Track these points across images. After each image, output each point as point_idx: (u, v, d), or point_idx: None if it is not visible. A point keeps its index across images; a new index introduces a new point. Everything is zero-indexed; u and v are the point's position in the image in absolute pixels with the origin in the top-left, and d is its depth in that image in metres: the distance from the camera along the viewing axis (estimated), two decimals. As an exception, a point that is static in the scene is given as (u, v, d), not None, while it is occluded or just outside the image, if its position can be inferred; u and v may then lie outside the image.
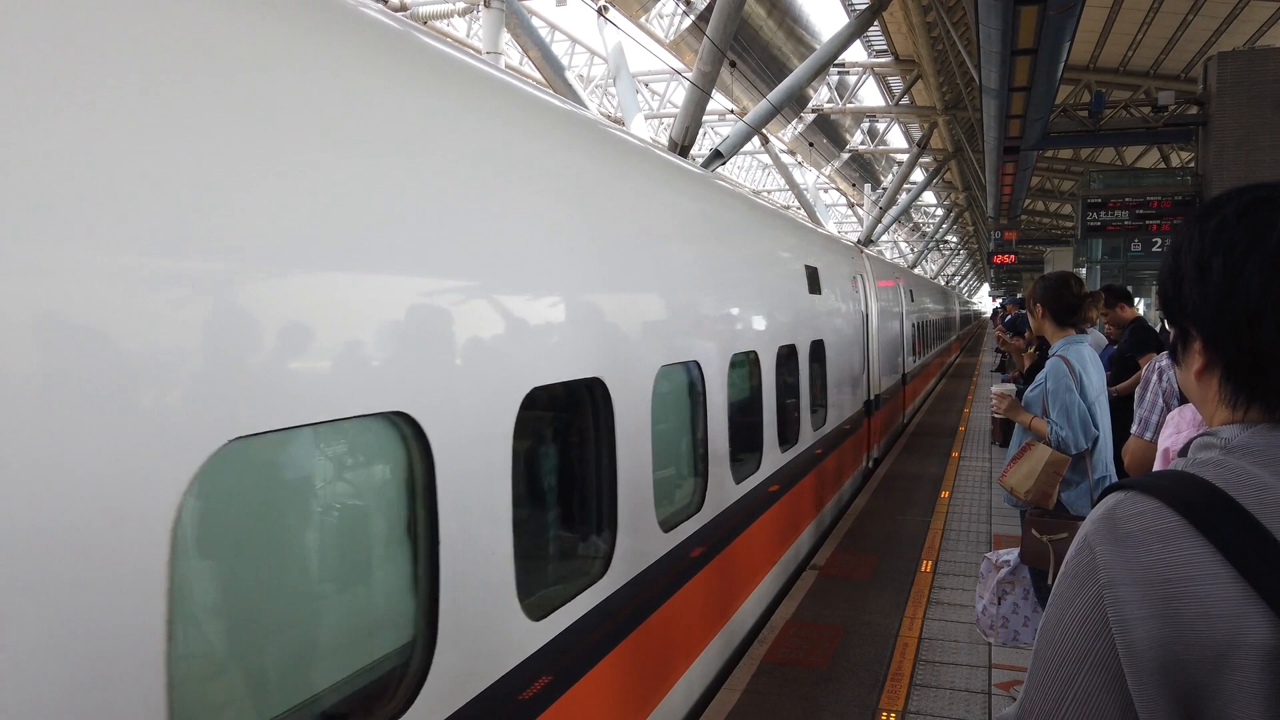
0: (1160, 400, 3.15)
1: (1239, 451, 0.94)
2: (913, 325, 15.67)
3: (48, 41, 1.36)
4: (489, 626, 2.38)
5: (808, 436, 6.67)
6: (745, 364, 5.13)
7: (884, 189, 25.33)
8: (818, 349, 7.11)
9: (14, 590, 1.21)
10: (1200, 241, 1.01)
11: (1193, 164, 16.69)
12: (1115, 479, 4.04)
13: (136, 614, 1.36)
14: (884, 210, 23.83)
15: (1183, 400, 3.06)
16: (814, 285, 7.08)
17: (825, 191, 29.67)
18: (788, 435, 6.10)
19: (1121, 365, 6.09)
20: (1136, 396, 3.29)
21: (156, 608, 1.38)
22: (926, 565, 6.70)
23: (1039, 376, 4.14)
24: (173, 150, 1.52)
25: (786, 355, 5.99)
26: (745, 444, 5.09)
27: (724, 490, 4.59)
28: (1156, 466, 2.65)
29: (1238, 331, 0.96)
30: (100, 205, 1.37)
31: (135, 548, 1.36)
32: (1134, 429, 3.23)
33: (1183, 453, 1.02)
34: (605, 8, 11.97)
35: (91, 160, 1.38)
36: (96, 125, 1.41)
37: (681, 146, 8.17)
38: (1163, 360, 3.22)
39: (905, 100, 19.90)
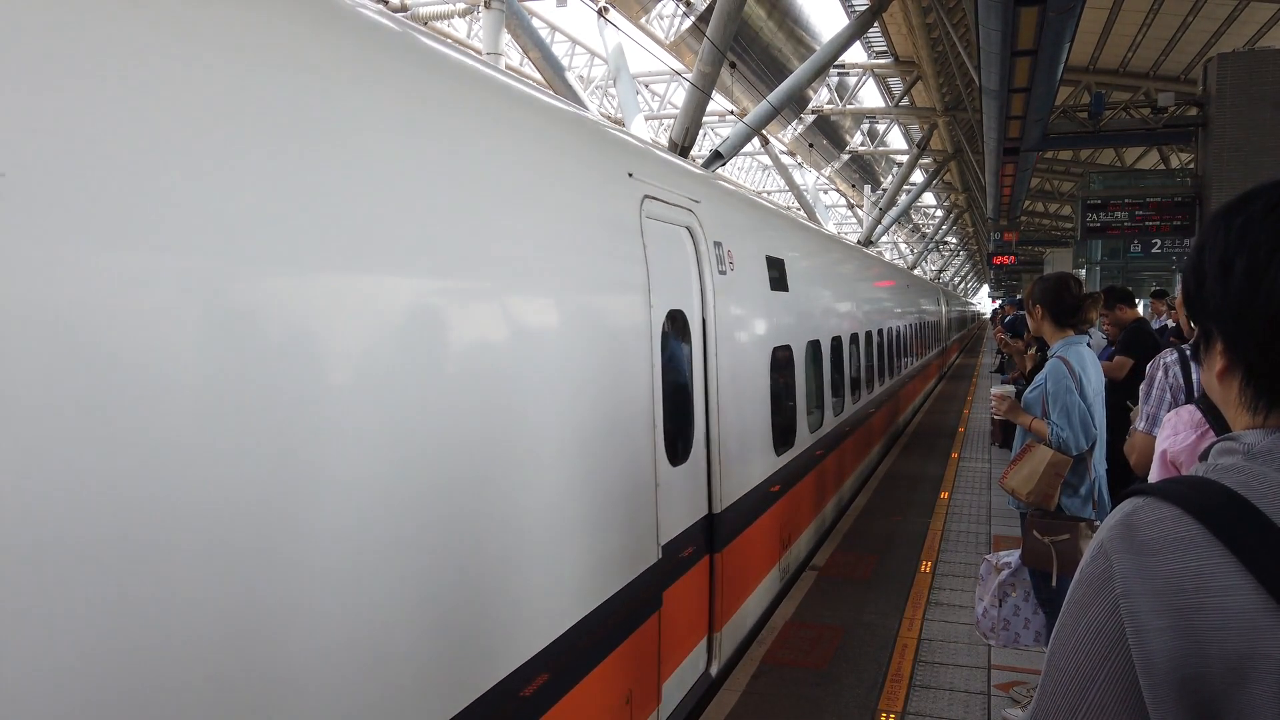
0: (1167, 395, 3.14)
1: (1262, 458, 0.90)
2: (803, 354, 6.65)
3: None
4: None
5: None
6: None
7: (884, 190, 25.35)
8: None
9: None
10: (1225, 239, 0.96)
11: (1192, 165, 16.70)
12: (1104, 479, 4.04)
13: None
14: (884, 211, 23.84)
15: (1188, 397, 3.06)
16: None
17: (825, 192, 29.69)
18: None
19: None
20: (1142, 393, 3.27)
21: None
22: (926, 566, 6.70)
23: (1038, 377, 4.14)
24: None
25: None
26: None
27: None
28: (1154, 467, 2.64)
29: (1259, 334, 0.92)
30: None
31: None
32: (1141, 425, 3.19)
33: (1203, 457, 0.99)
34: (605, 9, 11.98)
35: None
36: None
37: (682, 147, 8.17)
38: (1168, 356, 3.20)
39: (905, 101, 19.91)
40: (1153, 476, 2.58)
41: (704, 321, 4.44)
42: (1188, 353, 3.19)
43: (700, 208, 4.61)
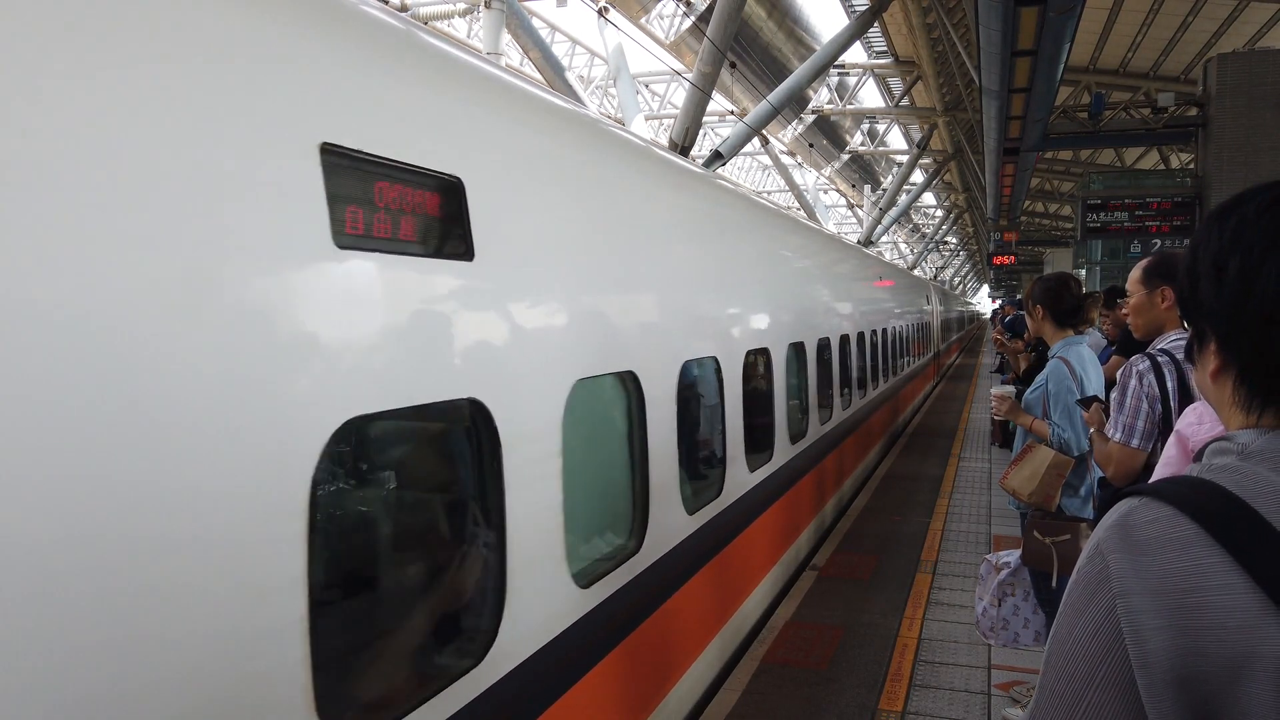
0: (1144, 405, 3.00)
1: (1256, 457, 0.91)
2: (547, 415, 2.65)
3: None
4: None
5: None
6: None
7: (884, 190, 25.37)
8: None
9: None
10: (1218, 240, 0.97)
11: (1192, 165, 16.72)
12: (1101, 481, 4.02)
13: None
14: (884, 211, 23.87)
15: (1164, 404, 2.99)
16: None
17: (825, 193, 29.71)
18: None
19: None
20: (1114, 402, 3.10)
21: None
22: (926, 566, 6.70)
23: (1039, 378, 4.14)
24: None
25: None
26: None
27: None
28: (1174, 455, 2.55)
29: (1253, 334, 0.94)
30: None
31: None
32: (1117, 435, 3.04)
33: (1198, 457, 0.99)
34: (606, 9, 11.99)
35: None
36: None
37: (682, 147, 8.17)
38: (1140, 364, 3.08)
39: (905, 101, 19.93)
40: (1167, 469, 2.52)
41: None
42: (1159, 358, 3.09)
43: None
